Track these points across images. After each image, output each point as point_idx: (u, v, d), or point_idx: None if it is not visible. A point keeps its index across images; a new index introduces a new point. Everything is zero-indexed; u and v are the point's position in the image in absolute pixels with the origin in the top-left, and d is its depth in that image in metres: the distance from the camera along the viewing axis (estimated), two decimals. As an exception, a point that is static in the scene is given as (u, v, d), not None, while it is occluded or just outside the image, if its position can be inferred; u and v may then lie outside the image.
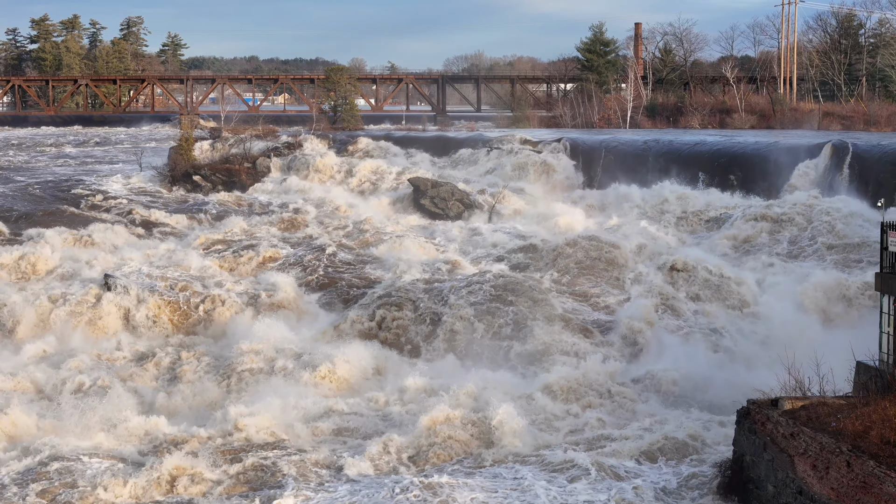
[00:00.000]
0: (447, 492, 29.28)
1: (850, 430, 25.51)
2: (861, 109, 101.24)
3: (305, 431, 35.35)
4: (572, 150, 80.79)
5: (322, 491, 30.06)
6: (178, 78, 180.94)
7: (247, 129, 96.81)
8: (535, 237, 59.19)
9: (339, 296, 50.62)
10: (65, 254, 56.43)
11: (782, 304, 46.51)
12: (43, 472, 31.47)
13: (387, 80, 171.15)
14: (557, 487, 30.22)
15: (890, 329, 29.46)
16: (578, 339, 44.04)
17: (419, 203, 72.49)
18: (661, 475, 31.34)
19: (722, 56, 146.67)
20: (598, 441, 34.44)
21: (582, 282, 51.17)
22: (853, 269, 50.28)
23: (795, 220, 58.20)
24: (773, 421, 27.65)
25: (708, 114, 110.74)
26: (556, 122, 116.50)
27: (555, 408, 37.31)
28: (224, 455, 32.87)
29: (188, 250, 57.12)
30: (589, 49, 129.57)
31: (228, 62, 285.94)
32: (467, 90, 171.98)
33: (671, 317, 46.60)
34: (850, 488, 24.32)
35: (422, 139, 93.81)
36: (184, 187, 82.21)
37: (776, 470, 27.11)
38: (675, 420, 36.18)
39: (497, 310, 45.79)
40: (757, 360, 40.93)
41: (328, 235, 61.26)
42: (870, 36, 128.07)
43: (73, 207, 69.83)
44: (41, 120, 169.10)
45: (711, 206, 65.42)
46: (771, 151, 68.96)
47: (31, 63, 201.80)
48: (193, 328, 47.56)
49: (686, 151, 74.78)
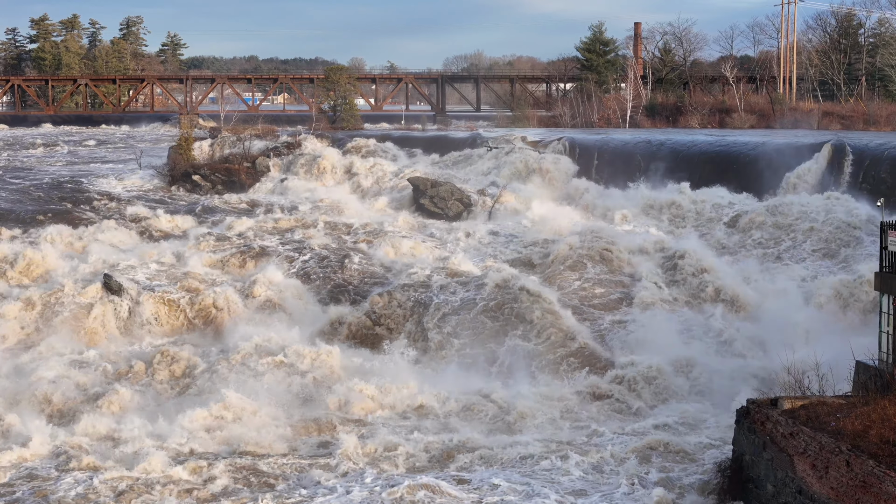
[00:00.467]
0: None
1: (850, 430, 25.49)
2: (861, 109, 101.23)
3: (302, 431, 35.45)
4: (571, 150, 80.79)
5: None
6: (178, 78, 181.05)
7: (246, 128, 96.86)
8: (534, 236, 59.13)
9: (336, 295, 50.61)
10: (64, 254, 56.39)
11: (780, 303, 46.48)
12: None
13: (386, 79, 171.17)
14: (551, 487, 30.27)
15: (889, 328, 29.43)
16: (576, 340, 44.06)
17: (418, 202, 72.47)
18: (658, 474, 31.33)
19: (721, 56, 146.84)
20: (592, 441, 34.45)
21: (581, 281, 51.11)
22: (851, 268, 50.20)
23: (793, 220, 58.13)
24: (772, 420, 27.64)
25: (707, 113, 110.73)
26: (556, 121, 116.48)
27: (547, 408, 37.31)
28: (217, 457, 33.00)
29: (187, 250, 57.06)
30: (588, 49, 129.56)
31: (228, 62, 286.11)
32: (467, 90, 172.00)
33: (670, 314, 46.63)
34: (850, 488, 24.31)
35: (421, 139, 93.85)
36: (183, 187, 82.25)
37: (776, 469, 27.11)
38: (674, 419, 36.20)
39: (494, 310, 45.81)
40: (756, 359, 40.93)
41: (327, 235, 61.21)
42: (869, 35, 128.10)
43: (72, 207, 69.84)
44: (41, 119, 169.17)
45: (712, 204, 65.34)
46: (769, 151, 68.95)
47: (30, 63, 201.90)
48: (192, 328, 47.52)
49: (685, 151, 74.76)
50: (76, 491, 30.17)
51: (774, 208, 60.06)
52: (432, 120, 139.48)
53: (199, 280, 51.09)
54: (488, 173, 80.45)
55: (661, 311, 46.82)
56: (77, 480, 30.95)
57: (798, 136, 77.34)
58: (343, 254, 56.42)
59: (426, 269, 51.49)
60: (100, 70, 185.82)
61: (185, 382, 40.96)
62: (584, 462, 32.24)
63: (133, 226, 64.99)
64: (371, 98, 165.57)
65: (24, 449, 33.54)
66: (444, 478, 30.82)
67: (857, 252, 53.05)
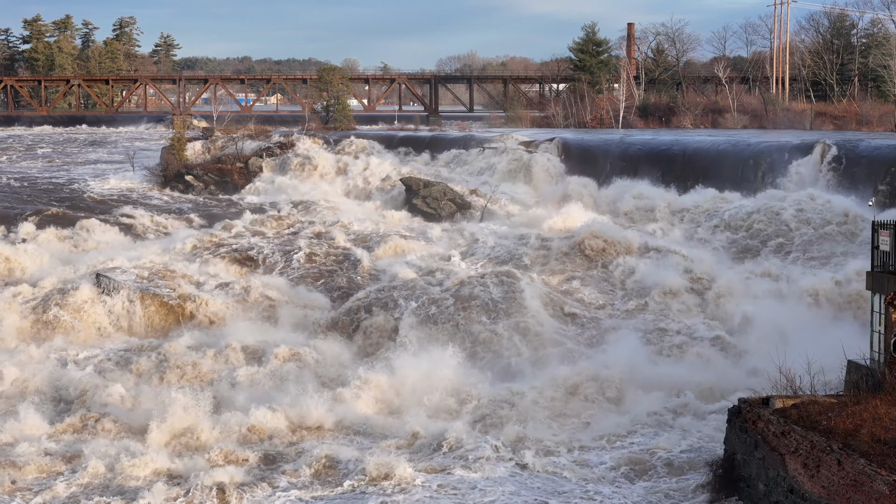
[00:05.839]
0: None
1: (841, 429, 25.52)
2: (853, 109, 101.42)
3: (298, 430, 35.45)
4: (564, 150, 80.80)
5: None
6: (171, 78, 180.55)
7: (239, 129, 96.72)
8: (527, 236, 59.09)
9: (328, 295, 50.59)
10: (56, 254, 56.28)
11: (772, 303, 46.48)
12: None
13: (379, 80, 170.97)
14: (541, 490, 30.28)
15: (881, 328, 29.44)
16: (565, 339, 44.06)
17: (411, 203, 72.43)
18: (652, 474, 31.34)
19: (714, 56, 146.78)
20: (583, 442, 34.46)
21: (573, 281, 51.09)
22: (842, 267, 50.21)
23: (784, 219, 58.14)
24: (764, 419, 27.65)
25: (700, 114, 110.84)
26: (549, 122, 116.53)
27: (538, 411, 37.31)
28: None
29: (179, 250, 57.00)
30: (581, 49, 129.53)
31: (221, 62, 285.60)
32: (460, 90, 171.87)
33: (662, 314, 46.61)
34: (841, 486, 24.33)
35: (414, 139, 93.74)
36: (176, 187, 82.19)
37: (767, 468, 27.13)
38: (667, 419, 36.19)
39: (486, 309, 45.81)
40: (748, 358, 40.92)
41: (319, 236, 61.11)
42: (862, 36, 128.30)
43: (65, 207, 69.64)
44: (33, 120, 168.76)
45: (701, 205, 65.33)
46: (760, 151, 69.06)
47: (23, 63, 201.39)
48: (184, 327, 47.42)
49: (678, 152, 74.78)
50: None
51: (763, 207, 60.05)
52: (425, 120, 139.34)
53: (191, 280, 51.06)
54: (481, 173, 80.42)
55: (646, 311, 46.91)
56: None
57: (787, 136, 77.49)
58: (335, 254, 56.35)
59: (418, 270, 51.41)
60: (93, 70, 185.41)
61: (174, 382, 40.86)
62: (568, 466, 32.23)
63: (125, 225, 64.82)
64: (364, 98, 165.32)
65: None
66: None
67: (847, 250, 53.07)
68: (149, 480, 30.94)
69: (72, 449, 33.95)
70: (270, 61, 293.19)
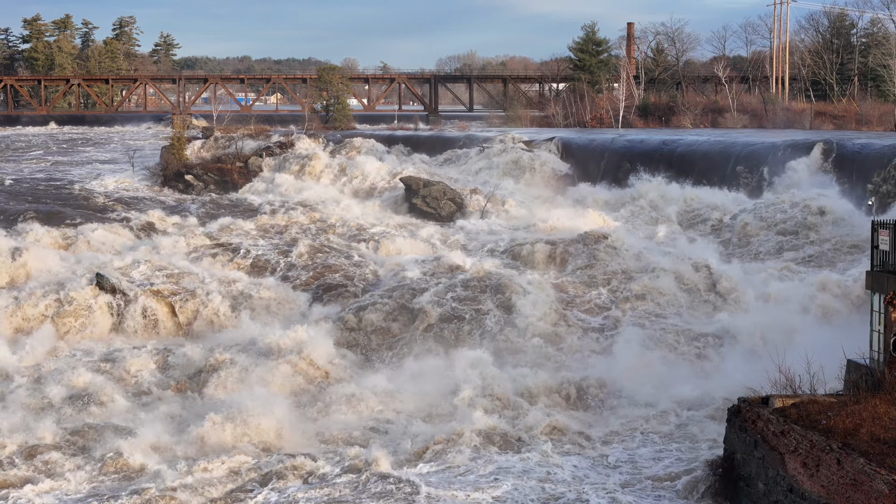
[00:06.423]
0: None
1: (841, 428, 25.54)
2: (853, 109, 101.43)
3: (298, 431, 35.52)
4: (564, 150, 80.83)
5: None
6: (171, 78, 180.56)
7: (239, 128, 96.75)
8: (526, 235, 59.10)
9: (328, 295, 50.51)
10: (56, 254, 56.21)
11: (772, 303, 46.50)
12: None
13: (379, 79, 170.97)
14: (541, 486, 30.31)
15: (880, 327, 29.47)
16: (565, 339, 44.10)
17: (411, 202, 72.44)
18: (651, 474, 31.35)
19: (714, 56, 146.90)
20: (583, 442, 34.47)
21: (573, 280, 51.06)
22: (842, 266, 50.24)
23: (785, 220, 58.18)
24: (763, 419, 27.67)
25: (700, 113, 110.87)
26: (548, 121, 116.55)
27: (531, 409, 37.33)
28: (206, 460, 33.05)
29: (179, 250, 56.97)
30: (581, 49, 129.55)
31: (221, 62, 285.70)
32: (459, 90, 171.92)
33: (659, 313, 46.64)
34: (841, 486, 24.34)
35: (414, 139, 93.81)
36: (176, 187, 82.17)
37: (767, 468, 27.14)
38: (666, 419, 36.22)
39: (484, 309, 45.84)
40: (747, 358, 40.92)
41: (319, 235, 61.14)
42: (862, 35, 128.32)
43: (64, 207, 69.64)
44: (33, 120, 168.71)
45: (703, 205, 65.37)
46: (759, 151, 69.12)
47: (23, 63, 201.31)
48: (184, 328, 47.45)
49: (679, 151, 74.84)
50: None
51: (765, 206, 60.07)
52: (425, 120, 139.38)
53: (191, 279, 50.99)
54: (481, 173, 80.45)
55: (646, 311, 46.92)
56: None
57: (786, 135, 77.54)
58: (335, 254, 56.32)
59: (418, 269, 51.42)
60: (92, 70, 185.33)
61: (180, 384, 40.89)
62: (565, 464, 32.26)
63: (125, 225, 64.81)
64: (364, 98, 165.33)
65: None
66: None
67: (847, 251, 53.12)
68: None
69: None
70: (270, 61, 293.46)
